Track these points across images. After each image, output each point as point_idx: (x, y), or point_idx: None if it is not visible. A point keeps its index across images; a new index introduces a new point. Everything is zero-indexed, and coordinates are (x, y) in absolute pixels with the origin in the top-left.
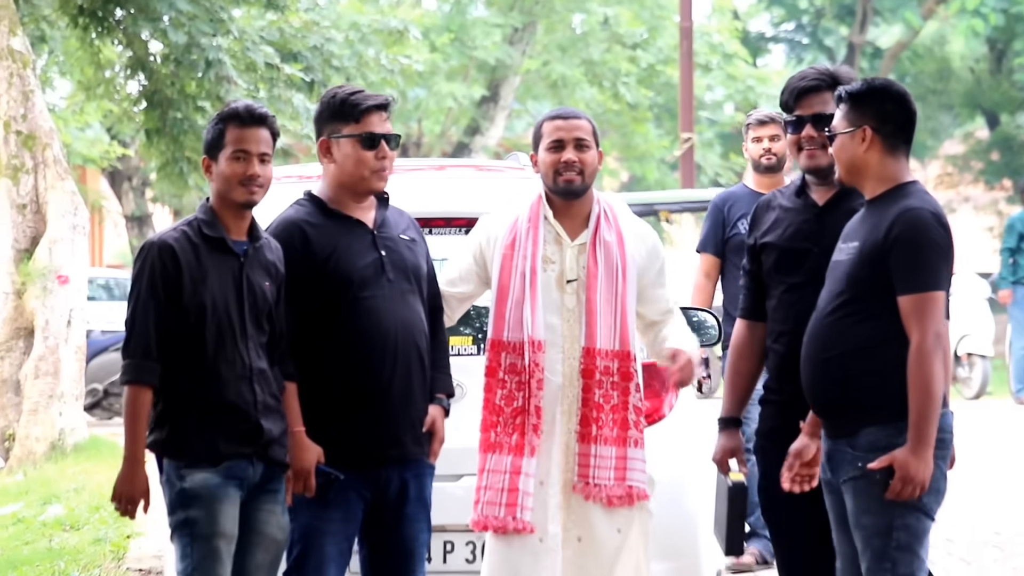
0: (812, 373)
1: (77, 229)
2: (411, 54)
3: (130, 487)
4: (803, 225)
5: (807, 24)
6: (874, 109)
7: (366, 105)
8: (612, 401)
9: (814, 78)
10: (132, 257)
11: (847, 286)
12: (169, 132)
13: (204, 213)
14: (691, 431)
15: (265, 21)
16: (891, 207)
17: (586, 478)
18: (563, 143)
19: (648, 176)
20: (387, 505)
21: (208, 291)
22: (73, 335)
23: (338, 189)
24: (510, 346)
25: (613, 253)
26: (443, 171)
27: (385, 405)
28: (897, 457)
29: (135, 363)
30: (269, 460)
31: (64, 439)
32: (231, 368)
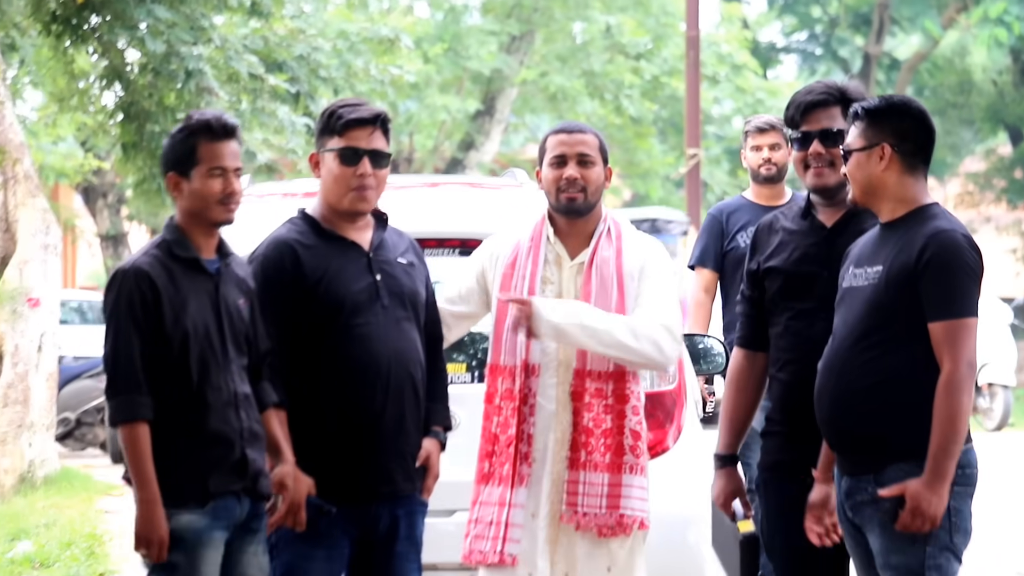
0: (832, 406)
1: (49, 249)
2: (402, 64)
3: (151, 530)
4: (811, 248)
5: (820, 34)
6: (893, 126)
7: (348, 118)
8: (604, 425)
9: (821, 92)
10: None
11: (870, 313)
12: (147, 146)
13: (171, 233)
14: (696, 463)
15: (248, 29)
16: (917, 230)
17: (574, 506)
18: (565, 159)
19: (652, 194)
20: (376, 543)
21: (189, 316)
22: (44, 361)
23: (327, 207)
24: (506, 371)
25: (608, 270)
26: (436, 188)
27: (375, 438)
28: (910, 488)
29: (126, 400)
30: (256, 495)
31: (34, 471)
32: (217, 395)
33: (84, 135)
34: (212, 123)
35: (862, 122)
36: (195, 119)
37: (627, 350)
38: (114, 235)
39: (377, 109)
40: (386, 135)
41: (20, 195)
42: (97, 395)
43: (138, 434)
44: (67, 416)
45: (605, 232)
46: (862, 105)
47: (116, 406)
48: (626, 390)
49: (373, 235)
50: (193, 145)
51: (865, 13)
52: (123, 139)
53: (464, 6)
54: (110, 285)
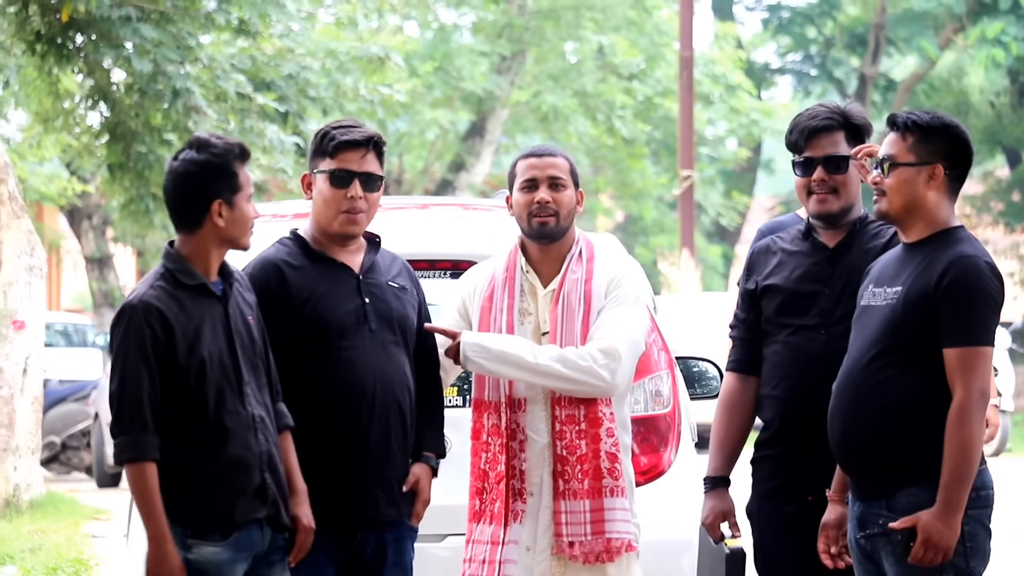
0: (844, 428)
1: (34, 271)
2: (392, 83)
3: (164, 567)
4: (813, 267)
5: (815, 54)
6: (947, 148)
7: (340, 140)
8: (579, 451)
9: (825, 117)
10: (92, 301)
11: (886, 333)
12: (133, 167)
13: (173, 261)
14: (691, 487)
15: (236, 48)
16: (941, 252)
17: (560, 536)
18: (536, 182)
19: (645, 216)
20: (362, 570)
21: (203, 344)
22: (29, 384)
23: (317, 229)
24: (491, 406)
25: (576, 295)
26: (426, 210)
27: (359, 463)
28: (922, 520)
29: (133, 439)
30: (277, 525)
31: (19, 495)
32: (235, 420)
33: (69, 156)
34: (243, 146)
35: (912, 136)
36: (221, 143)
37: (562, 384)
38: (99, 257)
39: (371, 132)
40: (380, 158)
41: (4, 216)
42: (83, 419)
43: (145, 473)
44: (52, 440)
45: (576, 256)
46: (912, 118)
47: (122, 445)
48: (598, 413)
49: (364, 258)
50: (234, 170)
51: (861, 34)
52: (109, 160)
53: (454, 26)
54: (117, 320)
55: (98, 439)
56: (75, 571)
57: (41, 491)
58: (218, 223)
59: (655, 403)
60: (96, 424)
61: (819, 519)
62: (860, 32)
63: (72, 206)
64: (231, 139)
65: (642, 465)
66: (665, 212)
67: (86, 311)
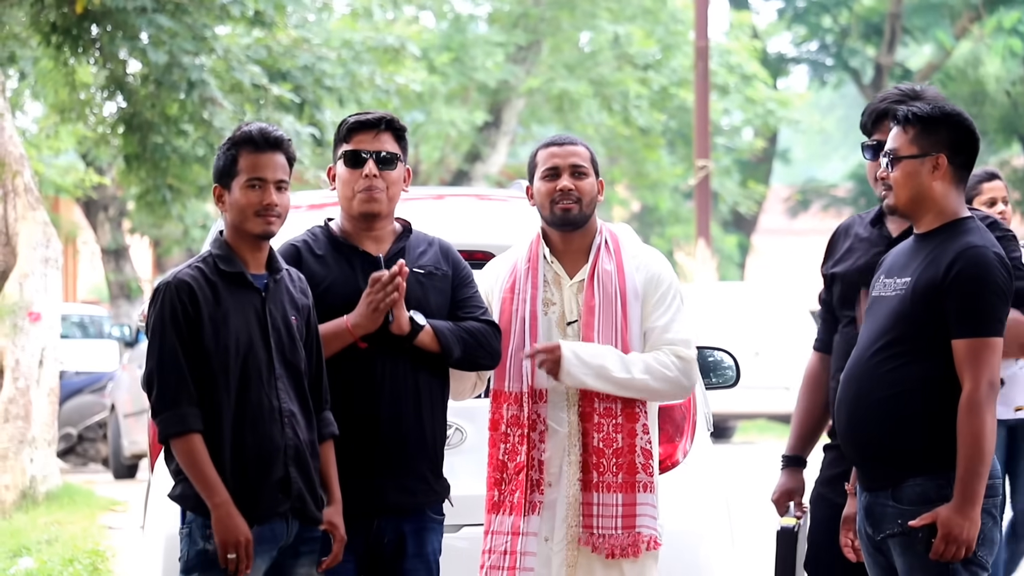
0: (850, 418)
1: (49, 262)
2: (407, 74)
3: (233, 533)
4: (873, 257)
5: (831, 44)
6: (949, 137)
7: (352, 122)
8: (615, 444)
9: (895, 99)
10: (108, 292)
11: (894, 325)
12: (149, 158)
13: (218, 247)
14: (707, 478)
15: (251, 39)
16: (949, 243)
17: (591, 528)
18: (559, 171)
19: (661, 206)
20: (383, 559)
21: (231, 332)
22: (45, 376)
23: (345, 217)
24: (511, 397)
25: (611, 286)
26: (442, 201)
27: (368, 452)
28: (941, 515)
29: (177, 413)
30: (305, 518)
31: (36, 487)
32: (258, 411)
33: (85, 147)
34: (255, 134)
35: (913, 128)
36: (240, 131)
37: (648, 393)
38: (115, 248)
39: (384, 114)
40: (398, 139)
41: (20, 208)
42: (99, 410)
43: (193, 445)
44: (69, 431)
45: (603, 245)
46: (912, 110)
47: (165, 420)
48: (635, 409)
49: (392, 245)
50: (234, 156)
51: (876, 23)
52: (125, 151)
53: (470, 16)
54: (153, 299)
55: (114, 431)
56: (91, 562)
57: (57, 483)
58: (223, 208)
59: None
60: (112, 416)
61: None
62: (876, 21)
63: (88, 198)
64: (255, 125)
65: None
66: (681, 202)
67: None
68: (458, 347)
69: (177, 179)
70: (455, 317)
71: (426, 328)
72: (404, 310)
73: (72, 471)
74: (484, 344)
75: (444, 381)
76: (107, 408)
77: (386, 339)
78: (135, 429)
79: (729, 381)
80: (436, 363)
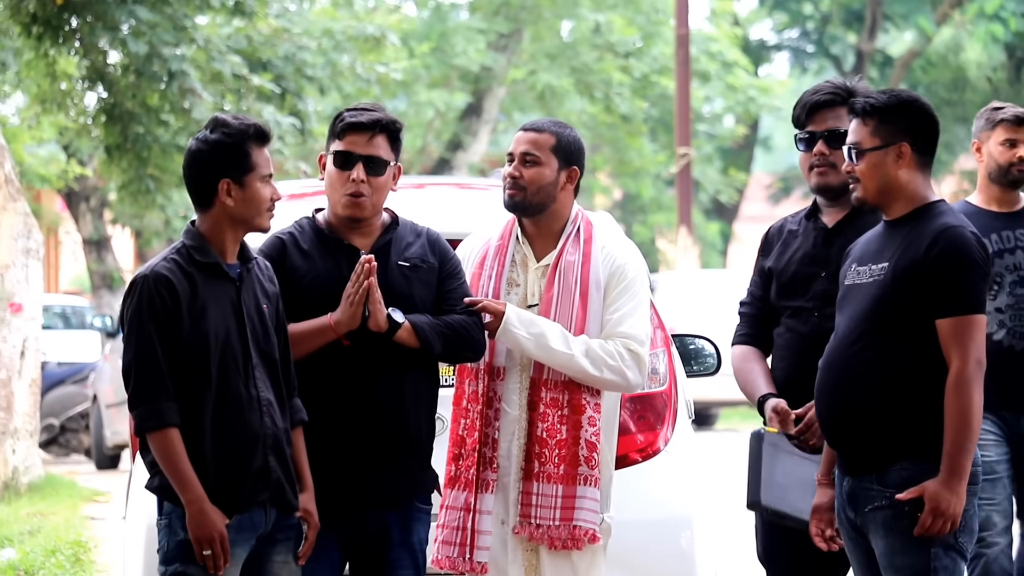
0: (834, 404)
1: (31, 253)
2: (388, 62)
3: (207, 530)
4: (810, 248)
5: (812, 31)
6: (909, 124)
7: (347, 122)
8: (559, 435)
9: (829, 92)
10: (90, 283)
11: (875, 309)
12: (131, 148)
13: (191, 238)
14: (689, 466)
15: (232, 29)
16: (925, 226)
17: (528, 518)
18: (512, 157)
19: (643, 193)
20: (368, 549)
21: (209, 322)
22: (27, 367)
23: (331, 211)
24: (472, 372)
25: (572, 276)
26: (422, 190)
27: (351, 444)
28: (928, 489)
29: (155, 407)
30: (282, 506)
31: (18, 478)
32: (237, 401)
33: (67, 138)
34: (261, 128)
35: (872, 119)
36: (236, 123)
37: (586, 377)
38: (97, 239)
39: (380, 116)
40: (392, 142)
41: (1, 199)
42: (81, 401)
43: (170, 440)
44: (51, 422)
45: (573, 234)
46: (869, 102)
47: (142, 414)
48: (581, 401)
49: (379, 238)
50: (247, 151)
51: (857, 10)
52: (106, 141)
53: (451, 4)
54: (129, 292)
55: (97, 421)
56: (74, 553)
57: (40, 474)
58: (227, 202)
59: (651, 381)
60: (95, 406)
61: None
62: (856, 8)
63: (70, 188)
64: (249, 120)
65: (638, 443)
66: (663, 190)
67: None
68: (439, 342)
69: (158, 169)
70: (439, 310)
71: (405, 324)
72: (382, 307)
73: (54, 462)
74: (466, 338)
75: (432, 375)
76: (89, 399)
77: (368, 335)
78: (117, 419)
79: (710, 369)
80: (422, 358)
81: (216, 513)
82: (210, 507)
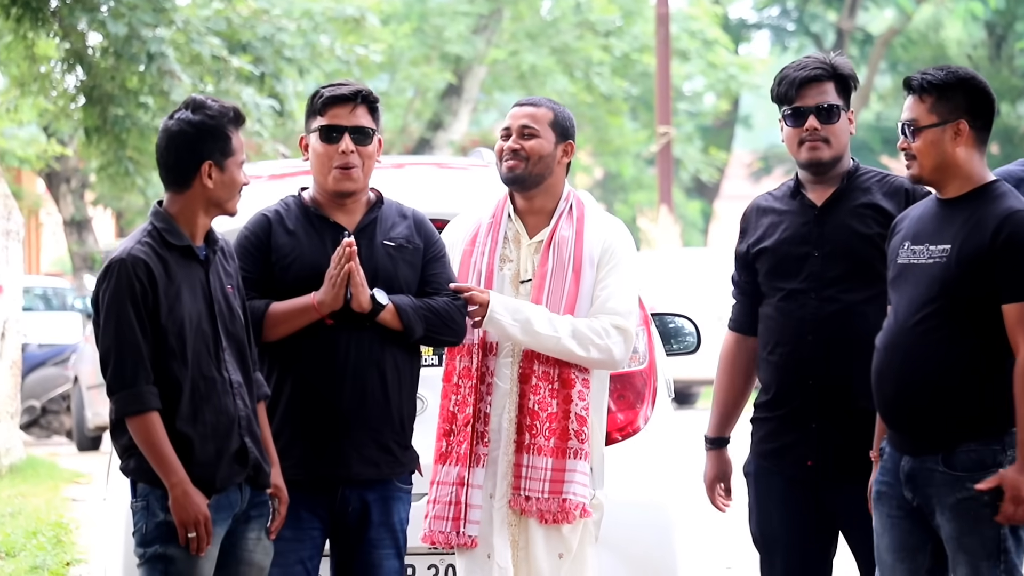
0: (898, 386)
1: (11, 235)
2: (368, 43)
3: (191, 512)
4: (801, 228)
5: (792, 9)
6: (968, 102)
7: (327, 96)
8: (550, 408)
9: (816, 67)
10: (71, 264)
11: (939, 292)
12: (110, 130)
13: (162, 221)
14: (669, 445)
15: (211, 10)
16: (988, 208)
17: (518, 490)
18: (510, 131)
19: (624, 172)
20: (348, 528)
21: (183, 306)
22: (8, 348)
23: (317, 189)
24: (464, 348)
25: (567, 251)
26: (402, 169)
27: (333, 422)
28: (1007, 477)
29: (135, 391)
30: (256, 484)
31: None
32: (212, 385)
33: (46, 120)
34: (238, 111)
35: (930, 96)
36: (217, 106)
37: (574, 358)
38: (79, 220)
39: (359, 87)
40: (372, 113)
41: None
42: (63, 382)
43: (151, 424)
44: (32, 404)
45: (567, 211)
46: (927, 79)
47: (123, 399)
48: (570, 375)
49: (363, 217)
50: (228, 134)
51: None
52: (86, 123)
53: None
54: (106, 275)
55: (78, 403)
56: (55, 535)
57: (21, 455)
58: (207, 185)
59: (631, 360)
60: (76, 388)
61: (817, 483)
62: None
63: (50, 170)
64: (227, 103)
65: (618, 422)
66: (643, 169)
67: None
68: (420, 325)
69: (137, 151)
70: (422, 292)
71: (388, 306)
72: (365, 287)
73: (36, 443)
74: (448, 321)
75: (414, 355)
76: (70, 380)
77: (351, 315)
78: (98, 401)
79: (690, 347)
80: (404, 338)
81: (199, 495)
82: (193, 490)
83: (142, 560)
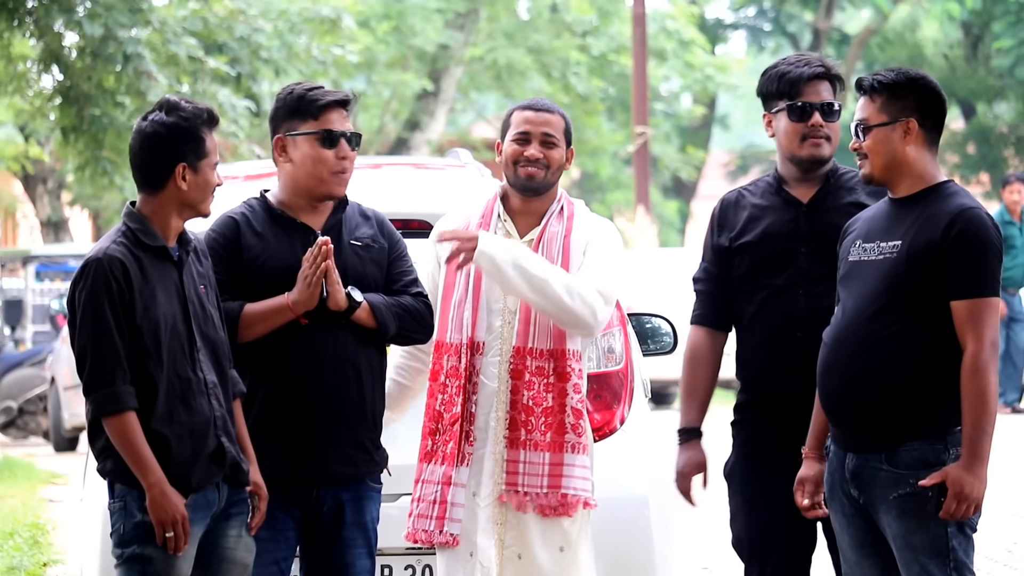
0: (845, 382)
1: None
2: (344, 44)
3: (168, 512)
4: (788, 224)
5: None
6: (917, 101)
7: (325, 101)
8: (545, 403)
9: (819, 65)
10: None
11: (889, 288)
12: (87, 130)
13: (136, 221)
14: (646, 445)
15: (187, 11)
16: (939, 206)
17: (515, 486)
18: (529, 137)
19: (601, 172)
20: (322, 527)
21: (158, 306)
22: None
23: (294, 191)
24: (452, 348)
25: (556, 246)
26: (379, 170)
27: (309, 422)
28: (951, 474)
29: (112, 391)
30: (235, 482)
31: None
32: (187, 385)
33: (22, 120)
34: (212, 112)
35: (880, 96)
36: (191, 107)
37: (559, 305)
38: (55, 221)
39: (344, 92)
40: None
41: None
42: (39, 383)
43: (128, 423)
44: (9, 405)
45: (557, 211)
46: (877, 79)
47: (99, 399)
48: (567, 368)
49: (329, 218)
50: (202, 136)
51: None
52: (62, 123)
53: None
54: (80, 275)
55: (55, 403)
56: (32, 535)
57: None
58: (181, 186)
59: (608, 360)
60: (52, 388)
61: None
62: None
63: (27, 171)
64: (202, 104)
65: (595, 422)
66: (620, 168)
67: None
68: (394, 323)
69: (114, 151)
70: (389, 291)
71: (363, 304)
72: (340, 286)
73: (12, 444)
74: (419, 320)
75: (383, 354)
76: (47, 381)
77: (325, 314)
78: (75, 402)
79: (667, 347)
80: (376, 336)
81: (176, 495)
82: (171, 490)
83: (120, 561)
